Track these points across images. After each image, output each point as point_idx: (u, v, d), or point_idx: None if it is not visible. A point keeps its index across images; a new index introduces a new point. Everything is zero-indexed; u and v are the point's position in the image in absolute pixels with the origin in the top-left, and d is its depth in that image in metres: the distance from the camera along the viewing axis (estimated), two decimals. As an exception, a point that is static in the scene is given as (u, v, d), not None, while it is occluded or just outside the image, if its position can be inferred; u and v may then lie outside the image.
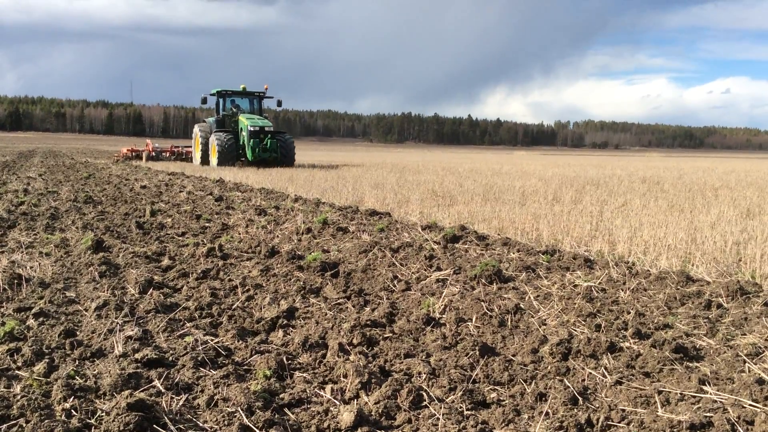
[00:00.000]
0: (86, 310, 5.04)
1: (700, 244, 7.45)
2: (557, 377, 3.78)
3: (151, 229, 9.19)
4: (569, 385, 3.60)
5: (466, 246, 7.74)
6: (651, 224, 8.97)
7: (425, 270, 6.48)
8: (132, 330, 4.40)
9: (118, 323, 4.55)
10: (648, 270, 6.45)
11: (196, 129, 31.33)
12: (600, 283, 5.79)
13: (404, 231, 8.91)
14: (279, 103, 30.78)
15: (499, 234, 8.82)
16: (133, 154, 36.08)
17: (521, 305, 5.13)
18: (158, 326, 4.61)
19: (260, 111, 30.74)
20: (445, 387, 3.62)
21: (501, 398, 3.57)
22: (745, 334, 4.42)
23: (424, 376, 3.75)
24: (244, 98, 30.85)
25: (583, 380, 3.76)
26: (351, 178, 19.58)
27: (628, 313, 4.96)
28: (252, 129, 27.63)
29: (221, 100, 30.37)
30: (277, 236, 8.69)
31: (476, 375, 3.82)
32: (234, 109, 30.46)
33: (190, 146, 33.94)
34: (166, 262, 6.94)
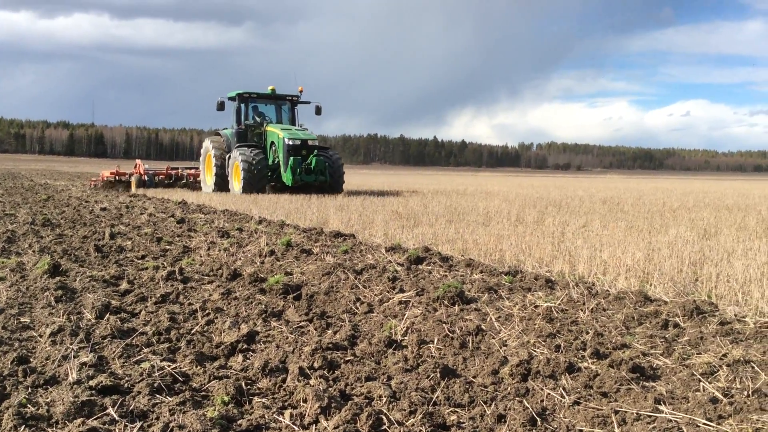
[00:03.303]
0: (41, 336, 4.92)
1: (658, 264, 7.59)
2: (517, 398, 3.79)
3: (110, 253, 9.03)
4: (528, 406, 3.62)
5: (430, 267, 7.77)
6: (610, 245, 9.10)
7: (388, 292, 6.48)
8: (87, 356, 4.31)
9: (73, 349, 4.44)
10: (607, 290, 6.54)
11: (208, 144, 23.62)
12: (560, 303, 5.85)
13: (368, 253, 8.91)
14: (318, 110, 23.36)
15: (462, 255, 8.87)
16: (117, 178, 26.90)
17: (483, 326, 5.15)
18: (114, 352, 4.52)
19: (293, 121, 23.53)
20: (405, 410, 3.61)
21: (461, 420, 3.57)
22: (700, 354, 4.49)
23: (384, 399, 3.74)
24: (271, 104, 23.75)
25: (542, 401, 3.79)
26: (315, 199, 19.53)
27: (587, 333, 5.01)
28: (291, 143, 21.00)
29: (243, 106, 22.99)
30: (240, 259, 8.61)
31: (437, 397, 3.81)
32: (258, 118, 23.45)
33: (193, 167, 27.27)
34: (124, 285, 6.82)
